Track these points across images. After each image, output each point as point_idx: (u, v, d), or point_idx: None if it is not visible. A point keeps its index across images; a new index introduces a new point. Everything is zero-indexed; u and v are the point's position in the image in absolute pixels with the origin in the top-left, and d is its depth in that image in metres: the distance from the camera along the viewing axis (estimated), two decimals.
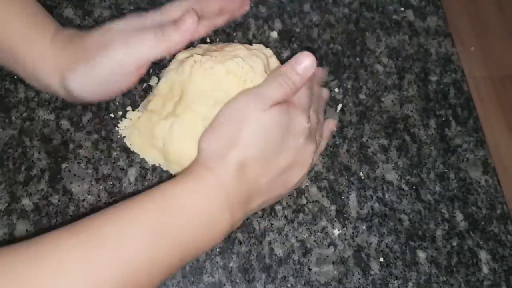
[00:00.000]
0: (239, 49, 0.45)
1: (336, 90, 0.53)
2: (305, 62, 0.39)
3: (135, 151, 0.47)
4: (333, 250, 0.45)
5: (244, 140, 0.37)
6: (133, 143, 0.47)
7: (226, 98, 0.42)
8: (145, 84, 0.50)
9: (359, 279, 0.44)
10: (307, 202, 0.47)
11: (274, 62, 0.47)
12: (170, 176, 0.47)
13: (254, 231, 0.45)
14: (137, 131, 0.46)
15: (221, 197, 0.36)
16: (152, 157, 0.46)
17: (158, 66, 0.51)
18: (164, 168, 0.46)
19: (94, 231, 0.33)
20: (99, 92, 0.43)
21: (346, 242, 0.46)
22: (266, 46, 0.54)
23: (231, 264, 0.44)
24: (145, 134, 0.45)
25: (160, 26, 0.40)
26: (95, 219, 0.34)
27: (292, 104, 0.39)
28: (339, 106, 0.51)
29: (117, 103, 0.49)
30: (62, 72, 0.41)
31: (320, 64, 0.54)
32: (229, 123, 0.38)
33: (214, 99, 0.42)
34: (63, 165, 0.46)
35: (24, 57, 0.42)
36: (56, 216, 0.44)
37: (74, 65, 0.41)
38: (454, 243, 0.47)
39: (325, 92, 0.49)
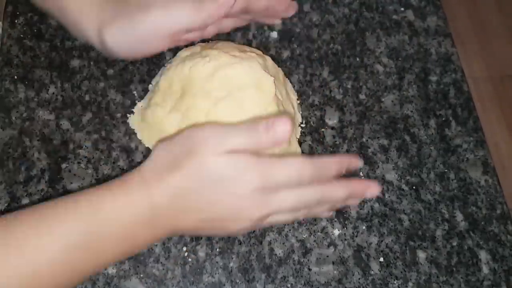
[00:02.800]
0: (234, 48, 0.45)
1: (336, 90, 0.53)
2: (280, 127, 0.36)
3: (146, 144, 0.47)
4: (333, 250, 0.45)
5: (186, 170, 0.36)
6: (144, 137, 0.47)
7: (228, 96, 0.42)
8: (149, 85, 0.50)
9: (359, 279, 0.44)
10: None
11: (270, 64, 0.47)
12: None
13: (254, 231, 0.45)
14: (146, 125, 0.46)
15: (148, 218, 0.36)
16: None
17: (158, 66, 0.51)
18: None
19: (16, 228, 0.34)
20: (132, 50, 0.45)
21: (346, 242, 0.46)
22: (266, 46, 0.54)
23: (231, 264, 0.44)
24: (153, 127, 0.45)
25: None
26: (22, 216, 0.35)
27: (256, 161, 0.36)
28: (299, 130, 0.50)
29: (117, 103, 0.49)
30: (101, 26, 0.43)
31: (320, 64, 0.54)
32: (183, 147, 0.36)
33: (215, 97, 0.42)
34: (63, 165, 0.46)
35: (68, 6, 0.44)
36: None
37: (113, 21, 0.42)
38: (454, 243, 0.47)
39: (353, 202, 0.43)
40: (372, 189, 0.41)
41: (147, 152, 0.47)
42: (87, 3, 0.43)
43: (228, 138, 0.36)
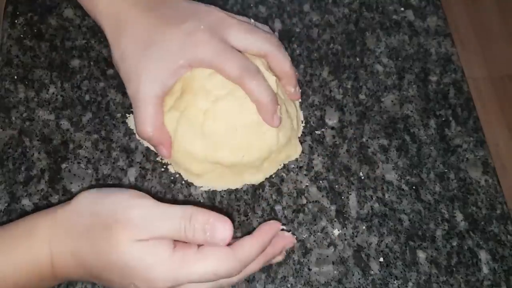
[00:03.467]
0: None
1: (336, 90, 0.53)
2: (221, 232, 0.33)
3: (145, 144, 0.47)
4: (333, 250, 0.45)
5: (96, 246, 0.34)
6: None
7: (229, 95, 0.42)
8: None
9: (359, 279, 0.44)
10: (307, 202, 0.47)
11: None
12: (169, 177, 0.47)
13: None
14: None
15: (47, 276, 0.36)
16: None
17: None
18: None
19: None
20: None
21: (346, 242, 0.46)
22: None
23: None
24: None
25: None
26: None
27: (170, 258, 0.33)
28: (301, 129, 0.50)
29: (117, 103, 0.49)
30: None
31: (320, 64, 0.54)
32: (105, 218, 0.34)
33: (215, 96, 0.42)
34: (63, 165, 0.46)
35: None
36: None
37: None
38: (454, 243, 0.47)
39: (276, 259, 0.41)
40: (288, 245, 0.39)
41: (147, 152, 0.47)
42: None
43: (155, 223, 0.33)
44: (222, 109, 0.42)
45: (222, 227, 0.34)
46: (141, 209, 0.34)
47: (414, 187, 0.49)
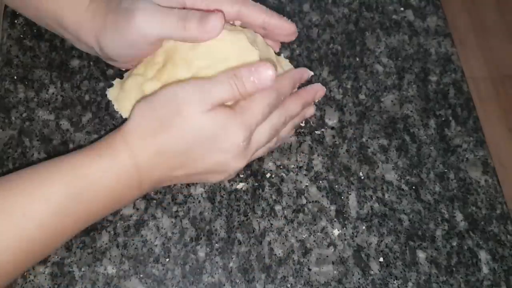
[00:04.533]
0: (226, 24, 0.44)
1: (336, 90, 0.53)
2: (265, 72, 0.38)
3: (124, 115, 0.45)
4: (333, 250, 0.45)
5: (173, 132, 0.37)
6: (122, 108, 0.45)
7: (210, 67, 0.41)
8: None
9: (359, 279, 0.44)
10: (306, 202, 0.47)
11: (260, 41, 0.45)
12: None
13: (253, 231, 0.45)
14: (125, 94, 0.45)
15: (133, 179, 0.38)
16: None
17: None
18: None
19: (2, 194, 0.35)
20: (126, 57, 0.45)
21: (346, 242, 0.46)
22: None
23: (230, 264, 0.44)
24: (133, 95, 0.44)
25: (187, 14, 0.39)
26: (7, 182, 0.36)
27: (235, 114, 0.38)
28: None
29: None
30: (97, 35, 0.43)
31: (320, 64, 0.54)
32: (166, 107, 0.37)
33: (196, 67, 0.41)
34: None
35: (67, 22, 0.44)
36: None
37: (104, 29, 0.42)
38: (454, 243, 0.47)
39: (309, 112, 0.48)
40: (319, 92, 0.46)
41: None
42: (82, 16, 0.44)
43: (212, 92, 0.37)
44: (204, 51, 0.41)
45: (264, 67, 0.38)
46: (195, 85, 0.38)
47: (414, 187, 0.49)
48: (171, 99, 0.37)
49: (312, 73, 0.46)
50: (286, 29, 0.45)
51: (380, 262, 0.45)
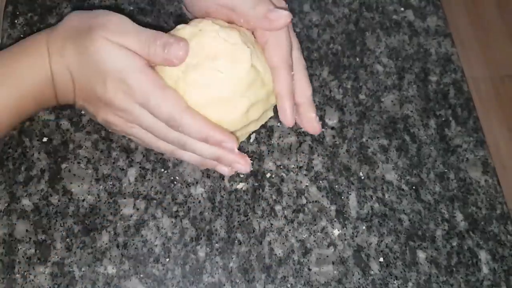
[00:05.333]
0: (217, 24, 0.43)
1: (336, 90, 0.53)
2: (176, 51, 0.38)
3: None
4: (333, 250, 0.45)
5: (80, 45, 0.39)
6: None
7: (199, 66, 0.41)
8: None
9: (359, 279, 0.44)
10: (307, 202, 0.47)
11: (253, 41, 0.44)
12: (169, 177, 0.47)
13: (254, 231, 0.45)
14: None
15: (49, 78, 0.41)
16: None
17: None
18: None
19: None
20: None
21: (346, 242, 0.46)
22: None
23: (231, 264, 0.44)
24: None
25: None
26: None
27: (129, 73, 0.38)
28: (253, 136, 0.50)
29: None
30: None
31: (320, 64, 0.54)
32: (87, 22, 0.39)
33: (186, 65, 0.40)
34: (63, 165, 0.46)
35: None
36: (56, 216, 0.44)
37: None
38: (454, 243, 0.47)
39: (221, 168, 0.44)
40: (239, 166, 0.41)
41: (147, 152, 0.47)
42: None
43: (126, 34, 0.38)
44: (192, 83, 0.40)
45: (178, 45, 0.38)
46: (120, 19, 0.39)
47: (414, 187, 0.49)
48: (95, 17, 0.39)
49: (248, 169, 0.42)
50: (310, 124, 0.45)
51: (380, 262, 0.45)
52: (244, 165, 0.41)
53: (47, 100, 0.42)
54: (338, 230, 0.46)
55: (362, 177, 0.49)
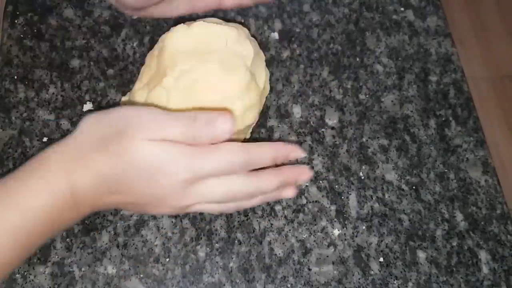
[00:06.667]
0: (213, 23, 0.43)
1: (336, 90, 0.53)
2: (222, 125, 0.35)
3: None
4: (333, 250, 0.45)
5: (114, 155, 0.34)
6: None
7: (191, 71, 0.40)
8: None
9: (359, 279, 0.44)
10: (307, 202, 0.47)
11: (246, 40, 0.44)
12: None
13: (254, 231, 0.45)
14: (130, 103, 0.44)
15: (71, 201, 0.35)
16: None
17: None
18: None
19: None
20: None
21: (346, 242, 0.46)
22: (266, 46, 0.54)
23: (231, 264, 0.44)
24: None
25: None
26: None
27: (185, 152, 0.35)
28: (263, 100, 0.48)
29: (117, 103, 0.49)
30: None
31: (320, 64, 0.54)
32: (115, 127, 0.35)
33: (179, 71, 0.40)
34: None
35: None
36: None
37: None
38: (454, 243, 0.47)
39: (286, 193, 0.41)
40: (303, 176, 0.40)
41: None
42: None
43: (165, 127, 0.35)
44: (184, 88, 0.40)
45: (223, 118, 0.35)
46: (150, 113, 0.35)
47: (414, 187, 0.49)
48: (122, 119, 0.35)
49: (304, 154, 0.41)
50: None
51: (380, 262, 0.45)
52: (308, 173, 0.40)
53: (66, 221, 0.37)
54: (338, 230, 0.46)
55: (362, 177, 0.49)
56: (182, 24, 0.43)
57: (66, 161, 0.35)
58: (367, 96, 0.53)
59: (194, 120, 0.35)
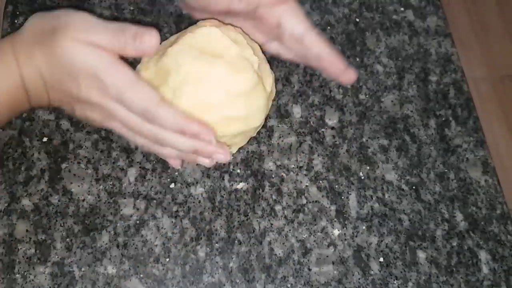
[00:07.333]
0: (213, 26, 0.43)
1: (336, 90, 0.53)
2: (148, 39, 0.37)
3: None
4: (333, 250, 0.45)
5: (47, 49, 0.38)
6: None
7: (198, 72, 0.40)
8: None
9: (359, 279, 0.44)
10: (307, 202, 0.47)
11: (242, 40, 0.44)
12: (169, 177, 0.47)
13: (254, 231, 0.45)
14: None
15: (21, 84, 0.39)
16: None
17: None
18: None
19: None
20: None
21: (346, 242, 0.46)
22: None
23: (231, 264, 0.44)
24: None
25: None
26: None
27: (102, 70, 0.38)
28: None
29: None
30: None
31: None
32: (51, 24, 0.38)
33: (185, 72, 0.40)
34: (63, 165, 0.46)
35: None
36: (56, 216, 0.44)
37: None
38: (454, 243, 0.47)
39: (203, 161, 0.43)
40: (219, 156, 0.41)
41: (147, 152, 0.47)
42: None
43: (93, 31, 0.37)
44: (191, 88, 0.40)
45: (150, 33, 0.37)
46: (83, 16, 0.38)
47: (414, 187, 0.49)
48: (57, 18, 0.38)
49: (220, 145, 0.41)
50: (337, 66, 0.46)
51: (380, 262, 0.45)
52: (224, 154, 0.41)
53: (20, 105, 0.41)
54: (338, 230, 0.46)
55: (362, 177, 0.49)
56: (185, 30, 0.43)
57: (15, 53, 0.39)
58: (367, 96, 0.53)
59: (123, 31, 0.37)
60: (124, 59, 0.39)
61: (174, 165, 0.45)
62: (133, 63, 0.51)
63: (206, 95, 0.40)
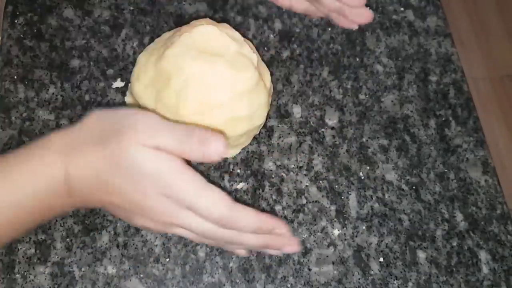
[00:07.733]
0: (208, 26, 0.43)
1: (336, 90, 0.53)
2: (214, 146, 0.35)
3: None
4: (333, 250, 0.45)
5: (108, 152, 0.35)
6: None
7: (199, 72, 0.40)
8: None
9: (359, 279, 0.44)
10: (307, 202, 0.47)
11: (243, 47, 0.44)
12: None
13: None
14: (134, 101, 0.45)
15: (63, 188, 0.36)
16: None
17: None
18: None
19: None
20: None
21: (346, 242, 0.46)
22: (266, 46, 0.54)
23: (231, 264, 0.44)
24: (137, 103, 0.44)
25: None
26: None
27: (170, 175, 0.35)
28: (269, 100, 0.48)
29: (117, 103, 0.49)
30: None
31: (320, 64, 0.54)
32: (114, 125, 0.35)
33: (186, 75, 0.40)
34: None
35: None
36: (56, 216, 0.44)
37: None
38: (454, 243, 0.47)
39: (273, 252, 0.40)
40: (289, 248, 0.39)
41: None
42: None
43: (159, 135, 0.35)
44: (194, 89, 0.40)
45: (217, 140, 0.35)
46: (148, 118, 0.36)
47: (414, 187, 0.49)
48: (121, 119, 0.36)
49: (286, 230, 0.38)
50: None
51: (380, 262, 0.45)
52: (294, 246, 0.39)
53: (58, 207, 0.38)
54: (338, 230, 0.46)
55: (362, 177, 0.49)
56: (183, 32, 0.43)
57: (64, 149, 0.36)
58: (367, 96, 0.53)
59: (190, 136, 0.35)
60: None
61: (241, 255, 0.43)
62: (129, 65, 0.51)
63: (210, 96, 0.40)
